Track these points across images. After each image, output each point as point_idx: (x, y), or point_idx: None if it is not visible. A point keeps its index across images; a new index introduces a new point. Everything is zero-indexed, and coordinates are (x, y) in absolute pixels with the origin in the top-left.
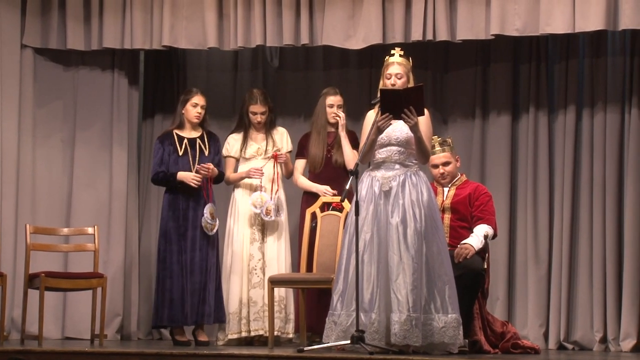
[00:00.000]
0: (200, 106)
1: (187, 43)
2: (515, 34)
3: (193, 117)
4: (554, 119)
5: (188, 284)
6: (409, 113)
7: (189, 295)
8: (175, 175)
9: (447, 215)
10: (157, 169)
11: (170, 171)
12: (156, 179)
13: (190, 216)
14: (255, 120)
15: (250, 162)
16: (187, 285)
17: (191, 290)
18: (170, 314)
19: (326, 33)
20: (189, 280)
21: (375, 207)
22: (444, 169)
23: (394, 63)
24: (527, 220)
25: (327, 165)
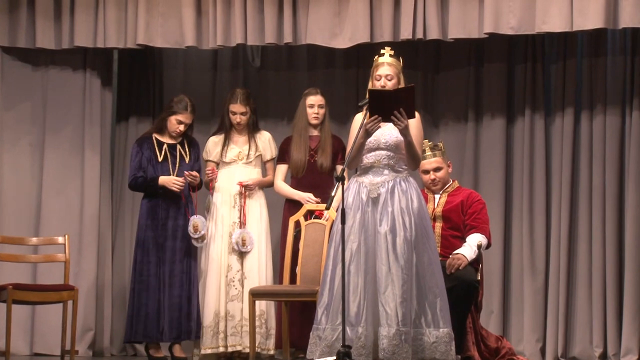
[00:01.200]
0: (185, 125)
1: (164, 42)
2: (510, 33)
3: (173, 131)
4: (551, 122)
5: (166, 298)
6: (399, 115)
7: (167, 310)
8: (157, 180)
9: (439, 223)
10: (135, 173)
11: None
12: (135, 184)
13: (170, 225)
14: (235, 120)
15: (230, 166)
16: (164, 299)
17: (169, 305)
18: (145, 330)
19: (311, 31)
20: (167, 294)
21: (362, 215)
22: (435, 175)
23: (384, 64)
24: (522, 229)
25: (310, 170)
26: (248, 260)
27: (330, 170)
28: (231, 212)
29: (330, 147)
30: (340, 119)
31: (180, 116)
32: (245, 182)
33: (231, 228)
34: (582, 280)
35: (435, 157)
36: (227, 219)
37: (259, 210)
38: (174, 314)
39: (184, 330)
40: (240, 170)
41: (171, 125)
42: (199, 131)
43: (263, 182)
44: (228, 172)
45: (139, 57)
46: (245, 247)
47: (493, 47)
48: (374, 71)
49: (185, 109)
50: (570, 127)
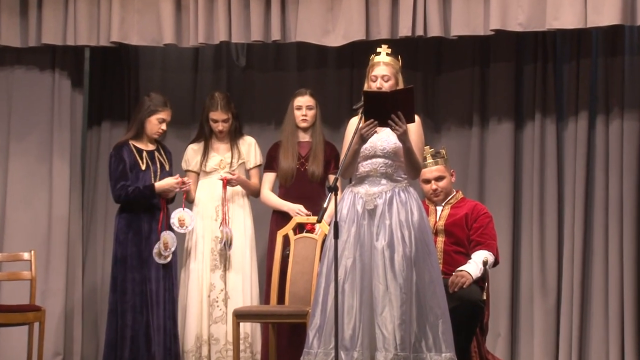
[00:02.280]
0: (166, 122)
1: (140, 39)
2: (519, 30)
3: (155, 132)
4: (563, 127)
5: (154, 318)
6: (397, 119)
7: (155, 332)
8: (152, 188)
9: (441, 238)
10: (124, 182)
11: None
12: (125, 195)
13: (154, 239)
14: (217, 128)
15: (211, 176)
16: (152, 320)
17: (157, 326)
18: (131, 354)
19: (301, 28)
20: (154, 312)
21: (357, 229)
22: (437, 185)
23: (380, 63)
24: (532, 245)
25: (300, 179)
26: (232, 278)
27: (322, 180)
28: (213, 226)
29: (322, 154)
30: (333, 123)
31: (162, 114)
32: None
33: (213, 244)
34: (597, 300)
35: (437, 165)
36: (209, 233)
37: (243, 221)
38: (160, 337)
39: (172, 353)
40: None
41: (152, 127)
42: (177, 137)
43: (248, 184)
44: (209, 183)
45: (113, 56)
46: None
47: (500, 45)
48: (369, 71)
49: (164, 105)
50: (584, 133)
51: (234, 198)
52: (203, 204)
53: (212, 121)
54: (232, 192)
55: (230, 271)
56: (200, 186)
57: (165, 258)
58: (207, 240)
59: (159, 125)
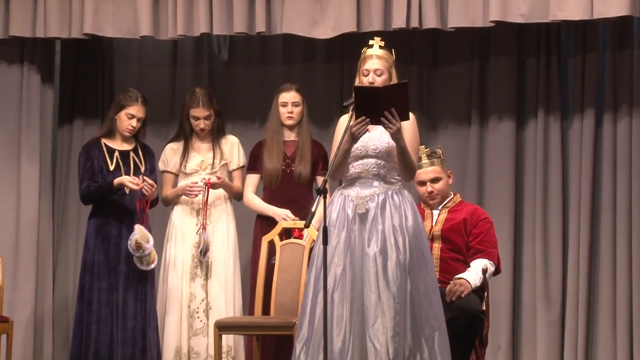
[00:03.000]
0: (138, 119)
1: (115, 31)
2: (520, 21)
3: (125, 129)
4: (568, 125)
5: (119, 331)
6: (390, 116)
7: (120, 346)
8: (111, 184)
9: (437, 244)
10: (87, 182)
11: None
12: (88, 192)
13: (124, 246)
14: (198, 126)
15: (191, 177)
16: (117, 332)
17: (122, 340)
18: None
19: (287, 19)
20: (119, 326)
21: (348, 234)
22: (433, 187)
23: (373, 56)
24: (535, 251)
25: (286, 181)
26: (214, 287)
27: (309, 182)
28: (194, 232)
29: (309, 154)
30: (322, 121)
31: (131, 109)
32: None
33: (194, 250)
34: (604, 310)
35: (433, 165)
36: (189, 239)
37: (226, 226)
38: (127, 350)
39: None
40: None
41: (122, 123)
42: (155, 136)
43: (231, 188)
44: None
45: (86, 49)
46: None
47: (500, 37)
48: (361, 65)
49: (135, 100)
50: (590, 131)
51: (215, 202)
52: (182, 207)
53: (193, 118)
54: (214, 195)
55: (212, 280)
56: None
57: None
58: (187, 247)
59: (129, 121)
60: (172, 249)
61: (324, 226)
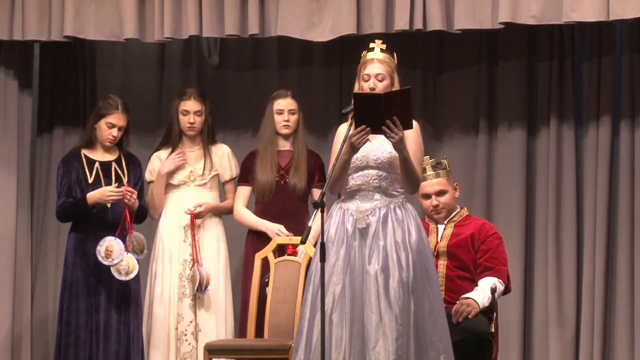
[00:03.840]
0: (118, 128)
1: (97, 33)
2: (532, 23)
3: (105, 139)
4: (582, 133)
5: (100, 354)
6: (392, 125)
7: None
8: (84, 200)
9: (443, 261)
10: (63, 200)
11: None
12: (62, 209)
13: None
14: (187, 122)
15: (179, 190)
16: (98, 355)
17: None
18: None
19: (282, 21)
20: (101, 349)
21: (347, 251)
22: (439, 200)
23: (374, 60)
24: (547, 269)
25: (280, 194)
26: (202, 308)
27: (305, 194)
28: (181, 248)
29: (305, 165)
30: (320, 130)
31: (111, 117)
32: (195, 208)
33: (182, 267)
34: (622, 332)
35: (439, 177)
36: (177, 256)
37: (215, 244)
38: None
39: None
40: (192, 195)
41: (102, 133)
42: (141, 145)
43: (220, 208)
44: (177, 197)
45: (67, 52)
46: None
47: (510, 40)
48: (361, 70)
49: (115, 108)
50: (606, 140)
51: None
52: (170, 220)
53: (183, 113)
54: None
55: (201, 300)
56: (168, 202)
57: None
58: (175, 264)
59: (109, 130)
60: (158, 267)
61: (322, 242)
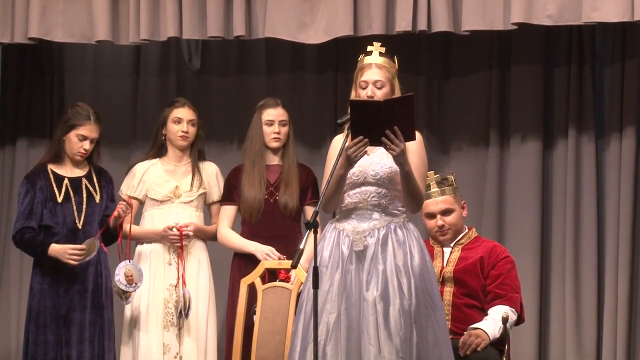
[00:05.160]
0: (90, 140)
1: (66, 35)
2: (548, 23)
3: (76, 153)
4: (604, 146)
5: None
6: (393, 136)
7: None
8: (46, 250)
9: (449, 288)
10: (23, 223)
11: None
12: (20, 240)
13: (77, 290)
14: (179, 131)
15: (162, 206)
16: None
17: None
18: None
19: (271, 21)
20: None
21: (343, 276)
22: (444, 220)
23: (372, 65)
24: (565, 297)
25: (269, 213)
26: (185, 339)
27: (297, 214)
28: (167, 272)
29: (296, 180)
30: (312, 142)
31: (82, 129)
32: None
33: (168, 293)
34: None
35: (444, 195)
36: (161, 281)
37: (198, 266)
38: None
39: None
40: (176, 213)
41: (72, 146)
42: (114, 159)
43: (205, 232)
44: (159, 215)
45: (32, 56)
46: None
47: (524, 43)
48: (357, 76)
49: (87, 119)
50: (631, 154)
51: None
52: (153, 244)
53: (175, 122)
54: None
55: (184, 330)
56: (148, 220)
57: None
58: (159, 290)
59: (80, 143)
60: (141, 296)
61: (315, 266)
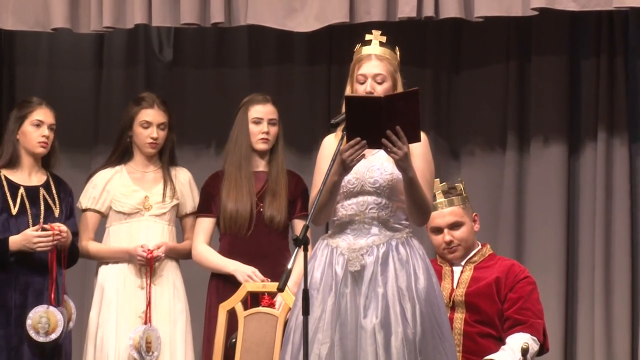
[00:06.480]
0: (48, 126)
1: (17, 22)
2: (574, 9)
3: (37, 144)
4: (638, 150)
5: None
6: (395, 137)
7: None
8: (6, 243)
9: (460, 314)
10: None
11: None
12: None
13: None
14: (148, 136)
15: (130, 220)
16: None
17: None
18: None
19: (254, 6)
20: None
21: (337, 300)
22: (452, 235)
23: (371, 57)
24: (594, 323)
25: (253, 227)
26: None
27: (285, 228)
28: (134, 298)
29: (285, 190)
30: (301, 145)
31: (36, 114)
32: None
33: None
34: None
35: (452, 206)
36: (127, 309)
37: (171, 294)
38: None
39: None
40: (146, 228)
41: (30, 139)
42: (73, 167)
43: (178, 251)
44: (127, 231)
45: None
46: (150, 353)
47: (546, 31)
48: (354, 69)
49: (38, 103)
50: None
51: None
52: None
53: (143, 126)
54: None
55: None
56: (113, 236)
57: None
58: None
59: (38, 131)
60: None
61: (304, 289)
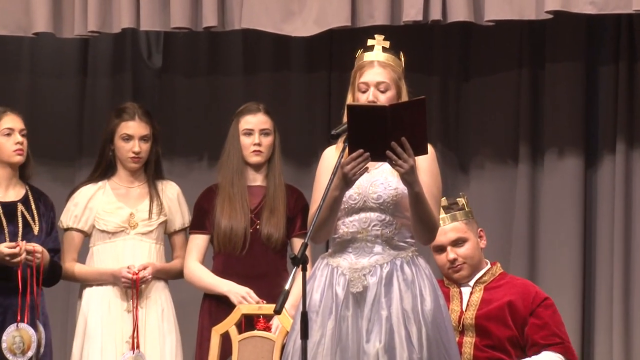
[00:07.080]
0: (19, 131)
1: None
2: (591, 12)
3: (12, 153)
4: None
5: None
6: (400, 150)
7: None
8: None
9: (469, 338)
10: None
11: None
12: None
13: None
14: (130, 150)
15: (115, 239)
16: None
17: None
18: None
19: (249, 10)
20: None
21: (337, 324)
22: (456, 253)
23: (374, 64)
24: (612, 347)
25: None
26: None
27: (283, 247)
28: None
29: (283, 206)
30: (300, 157)
31: (4, 122)
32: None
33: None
34: None
35: (454, 221)
36: (113, 335)
37: (160, 317)
38: None
39: None
40: (132, 247)
41: (2, 150)
42: (55, 180)
43: (167, 271)
44: (112, 250)
45: None
46: None
47: (561, 36)
48: (356, 77)
49: (4, 112)
50: None
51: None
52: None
53: (124, 139)
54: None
55: None
56: (96, 256)
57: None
58: (109, 345)
59: (10, 139)
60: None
61: (303, 312)
